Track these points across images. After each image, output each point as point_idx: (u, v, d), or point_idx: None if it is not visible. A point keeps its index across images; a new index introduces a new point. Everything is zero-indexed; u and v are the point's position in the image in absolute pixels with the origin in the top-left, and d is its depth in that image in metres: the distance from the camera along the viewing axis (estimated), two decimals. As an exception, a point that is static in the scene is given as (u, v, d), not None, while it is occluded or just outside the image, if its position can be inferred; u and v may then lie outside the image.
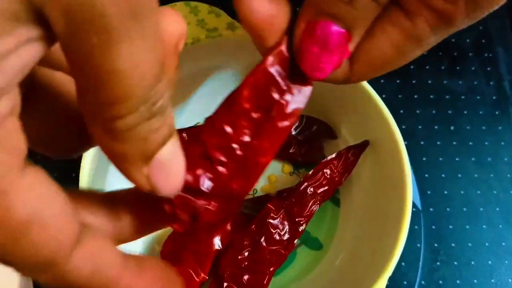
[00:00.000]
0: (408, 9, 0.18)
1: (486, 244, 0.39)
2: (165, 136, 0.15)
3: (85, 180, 0.31)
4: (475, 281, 0.38)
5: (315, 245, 0.38)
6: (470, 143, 0.41)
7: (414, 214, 0.39)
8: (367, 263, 0.33)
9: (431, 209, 0.39)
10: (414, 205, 0.39)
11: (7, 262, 0.14)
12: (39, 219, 0.14)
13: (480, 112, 0.42)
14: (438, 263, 0.38)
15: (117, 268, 0.16)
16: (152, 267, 0.17)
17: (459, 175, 0.40)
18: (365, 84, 0.33)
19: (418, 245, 0.38)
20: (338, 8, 0.17)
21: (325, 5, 0.17)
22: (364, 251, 0.35)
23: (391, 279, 0.35)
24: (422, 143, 0.41)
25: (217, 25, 0.34)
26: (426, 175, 0.40)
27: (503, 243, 0.39)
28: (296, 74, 0.18)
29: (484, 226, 0.39)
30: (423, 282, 0.38)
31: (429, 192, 0.40)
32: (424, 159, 0.41)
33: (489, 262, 0.38)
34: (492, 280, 0.38)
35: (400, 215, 0.31)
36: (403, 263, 0.38)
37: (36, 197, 0.14)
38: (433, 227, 0.39)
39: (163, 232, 0.36)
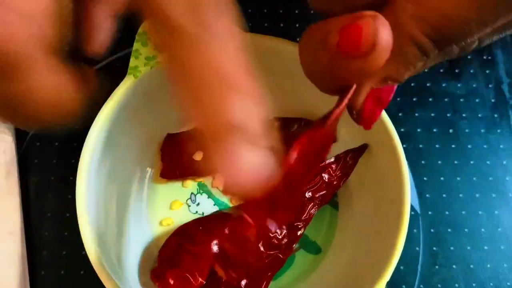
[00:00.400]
0: None
1: (485, 247, 0.39)
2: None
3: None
4: (474, 284, 0.38)
5: (313, 249, 0.38)
6: (469, 146, 0.41)
7: (413, 218, 0.39)
8: (366, 267, 0.33)
9: (429, 213, 0.39)
10: (412, 208, 0.39)
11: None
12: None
13: (479, 115, 0.42)
14: (437, 266, 0.38)
15: None
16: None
17: (458, 178, 0.40)
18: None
19: (417, 248, 0.38)
20: (401, 74, 0.19)
21: (391, 72, 0.19)
22: (363, 255, 0.34)
23: (389, 283, 0.35)
24: (420, 146, 0.41)
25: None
26: (425, 178, 0.40)
27: (502, 247, 0.39)
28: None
29: (482, 230, 0.39)
30: (421, 286, 0.38)
31: (427, 196, 0.40)
32: (422, 162, 0.40)
33: (488, 266, 0.38)
34: (491, 284, 0.38)
35: (398, 218, 0.31)
36: (401, 267, 0.38)
37: None
38: (432, 230, 0.39)
39: (161, 236, 0.36)
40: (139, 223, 0.37)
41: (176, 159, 0.38)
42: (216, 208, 0.38)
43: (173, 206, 0.38)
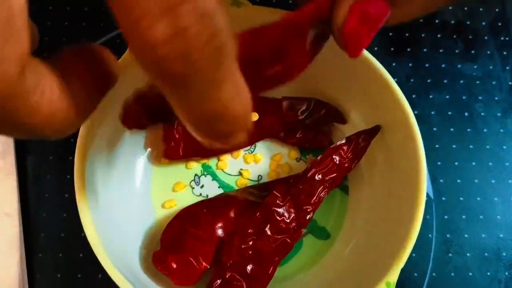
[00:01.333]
0: None
1: (500, 235, 0.37)
2: None
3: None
4: (488, 273, 0.36)
5: (322, 235, 0.36)
6: (485, 130, 0.39)
7: (426, 203, 0.37)
8: (377, 254, 0.32)
9: (443, 198, 0.38)
10: (426, 194, 0.37)
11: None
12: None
13: (496, 98, 0.40)
14: (450, 254, 0.37)
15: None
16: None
17: (473, 163, 0.38)
18: (377, 65, 0.31)
19: (430, 235, 0.37)
20: None
21: None
22: (374, 242, 0.33)
23: (401, 271, 0.34)
24: (435, 129, 0.39)
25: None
26: (439, 163, 0.38)
27: (519, 235, 0.37)
28: None
29: (498, 217, 0.37)
30: (434, 274, 0.36)
31: (441, 181, 0.38)
32: (436, 146, 0.39)
33: (504, 254, 0.37)
34: (506, 273, 0.36)
35: (413, 204, 0.30)
36: (413, 254, 0.36)
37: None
38: (446, 217, 0.37)
39: (163, 218, 0.35)
40: (141, 205, 0.35)
41: (179, 139, 0.36)
42: (221, 191, 0.37)
43: (176, 188, 0.36)
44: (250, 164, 0.37)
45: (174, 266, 0.31)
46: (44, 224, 0.36)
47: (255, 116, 0.35)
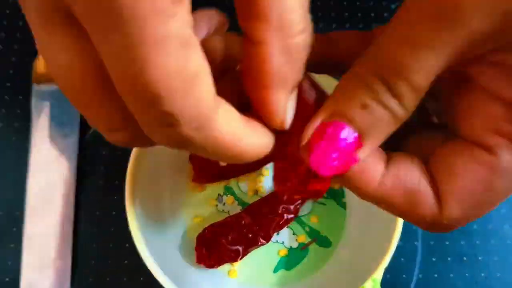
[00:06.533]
0: (481, 142, 0.17)
1: (477, 242, 0.44)
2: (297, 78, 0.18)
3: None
4: (467, 274, 0.43)
5: (325, 243, 0.43)
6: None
7: (412, 216, 0.44)
8: (368, 257, 0.39)
9: (427, 212, 0.44)
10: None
11: (165, 115, 0.15)
12: (201, 76, 0.15)
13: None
14: (433, 259, 0.44)
15: (239, 121, 0.18)
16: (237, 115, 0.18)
17: (453, 181, 0.45)
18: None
19: (416, 243, 0.44)
20: (353, 112, 0.17)
21: (342, 107, 0.18)
22: (366, 247, 0.40)
23: (391, 273, 0.41)
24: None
25: None
26: (424, 182, 0.45)
27: (492, 241, 0.44)
28: None
29: (474, 226, 0.44)
30: (420, 276, 0.43)
31: (425, 197, 0.45)
32: (421, 167, 0.46)
33: (480, 258, 0.43)
34: (482, 274, 0.43)
35: (394, 217, 0.37)
36: (402, 259, 0.43)
37: (201, 58, 0.16)
38: (429, 227, 0.44)
39: (193, 229, 0.43)
40: (176, 218, 0.43)
41: (204, 166, 0.44)
42: (239, 208, 0.44)
43: (204, 204, 0.44)
44: (266, 176, 0.45)
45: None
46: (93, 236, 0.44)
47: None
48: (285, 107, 0.18)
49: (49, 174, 0.44)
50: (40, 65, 0.46)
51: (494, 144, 0.17)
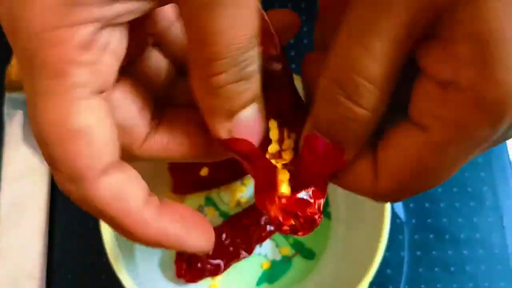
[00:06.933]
0: (417, 121, 0.18)
1: (464, 252, 0.43)
2: (248, 100, 0.19)
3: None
4: (454, 285, 0.42)
5: (309, 255, 0.42)
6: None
7: (398, 225, 0.43)
8: (353, 269, 0.37)
9: (413, 221, 0.44)
10: (398, 216, 0.43)
11: (52, 162, 0.17)
12: (86, 135, 0.16)
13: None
14: (420, 269, 0.42)
15: (137, 202, 0.18)
16: (173, 210, 0.19)
17: (439, 189, 0.44)
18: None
19: (402, 253, 0.43)
20: (325, 126, 0.19)
21: (316, 121, 0.19)
22: (351, 260, 0.39)
23: (378, 285, 0.39)
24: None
25: None
26: (409, 190, 0.44)
27: (480, 251, 0.43)
28: None
29: (462, 236, 0.43)
30: (407, 287, 0.42)
31: (411, 205, 0.44)
32: (407, 175, 0.45)
33: (467, 268, 0.42)
34: (470, 284, 0.42)
35: (380, 226, 0.36)
36: (388, 270, 0.42)
37: (93, 117, 0.17)
38: (416, 237, 0.43)
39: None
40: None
41: (184, 176, 0.42)
42: (221, 219, 0.43)
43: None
44: (248, 186, 0.43)
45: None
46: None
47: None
48: (223, 133, 0.19)
49: (22, 184, 0.42)
50: (13, 72, 0.44)
51: (429, 124, 0.18)
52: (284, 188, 0.21)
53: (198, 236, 0.20)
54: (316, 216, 0.20)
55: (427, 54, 0.17)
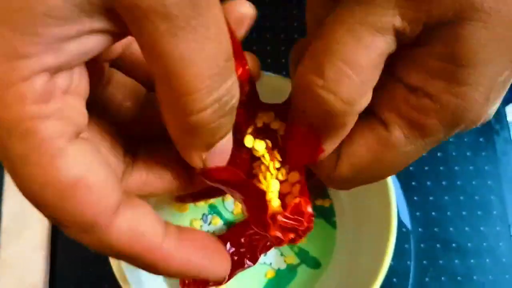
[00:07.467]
0: (382, 118, 0.20)
1: (471, 261, 0.42)
2: (228, 130, 0.18)
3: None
4: (462, 295, 0.41)
5: (313, 264, 0.41)
6: (456, 168, 0.45)
7: (405, 234, 0.42)
8: (359, 279, 0.37)
9: (420, 230, 0.43)
10: (404, 225, 0.43)
11: (57, 220, 0.16)
12: (84, 183, 0.15)
13: (465, 140, 0.46)
14: (427, 279, 0.42)
15: (156, 237, 0.17)
16: (192, 238, 0.19)
17: (446, 198, 0.44)
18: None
19: (408, 262, 0.42)
20: (303, 116, 0.20)
21: (294, 110, 0.20)
22: (357, 268, 0.38)
23: (383, 294, 0.39)
24: (411, 168, 0.45)
25: None
26: (415, 198, 0.44)
27: (487, 260, 0.42)
28: None
29: (469, 245, 0.43)
30: (413, 297, 0.41)
31: (418, 214, 0.43)
32: (413, 183, 0.44)
33: (474, 278, 0.42)
34: (477, 294, 0.41)
35: (386, 236, 0.35)
36: (394, 279, 0.41)
37: (82, 163, 0.15)
38: (422, 246, 0.43)
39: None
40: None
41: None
42: (225, 228, 0.42)
43: (190, 224, 0.42)
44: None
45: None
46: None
47: None
48: (198, 162, 0.18)
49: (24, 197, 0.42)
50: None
51: (391, 122, 0.19)
52: (275, 204, 0.21)
53: (219, 263, 0.19)
54: (312, 224, 0.21)
55: (402, 59, 0.19)
